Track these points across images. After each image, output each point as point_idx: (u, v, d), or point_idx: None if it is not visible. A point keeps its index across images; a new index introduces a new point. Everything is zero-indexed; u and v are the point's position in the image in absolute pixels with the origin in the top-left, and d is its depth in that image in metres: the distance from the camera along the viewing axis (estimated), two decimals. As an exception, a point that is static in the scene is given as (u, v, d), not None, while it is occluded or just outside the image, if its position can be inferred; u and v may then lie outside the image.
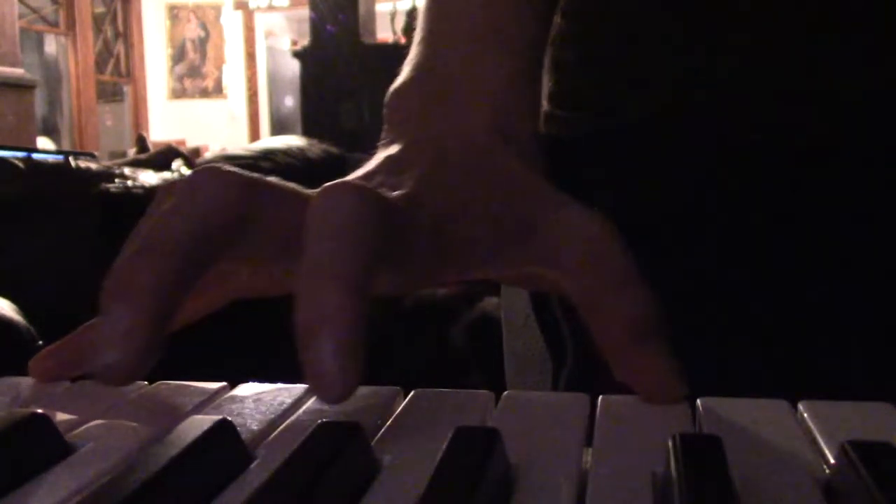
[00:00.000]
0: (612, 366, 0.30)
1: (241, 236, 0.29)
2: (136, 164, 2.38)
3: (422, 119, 0.37)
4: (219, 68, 8.89)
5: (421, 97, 0.39)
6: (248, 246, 0.29)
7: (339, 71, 4.63)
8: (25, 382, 0.34)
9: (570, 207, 0.33)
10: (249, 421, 0.28)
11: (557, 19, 0.47)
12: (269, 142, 2.81)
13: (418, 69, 0.40)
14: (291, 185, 0.32)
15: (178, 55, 8.86)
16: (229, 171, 0.29)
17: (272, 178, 0.31)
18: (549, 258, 0.33)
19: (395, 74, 0.41)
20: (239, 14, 8.83)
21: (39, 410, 0.26)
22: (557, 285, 0.33)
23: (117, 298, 0.26)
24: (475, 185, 0.34)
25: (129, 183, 2.01)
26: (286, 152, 2.54)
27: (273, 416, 0.29)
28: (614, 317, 0.30)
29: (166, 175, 2.14)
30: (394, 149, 0.36)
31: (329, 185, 0.29)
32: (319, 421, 0.25)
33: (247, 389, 0.32)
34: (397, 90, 0.40)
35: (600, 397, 0.29)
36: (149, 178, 2.08)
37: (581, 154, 0.47)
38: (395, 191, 0.32)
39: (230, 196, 0.29)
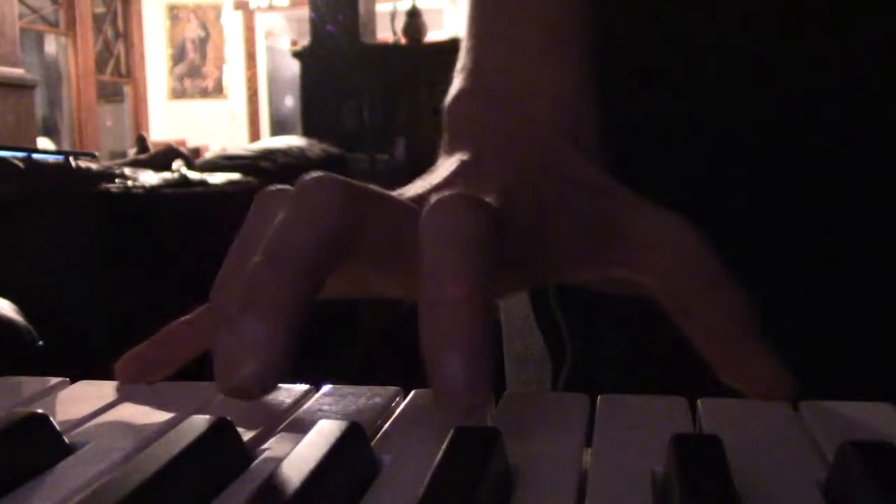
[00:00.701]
0: (717, 368, 0.30)
1: (351, 244, 0.29)
2: (136, 164, 2.38)
3: (489, 124, 0.37)
4: (219, 68, 8.88)
5: (484, 103, 0.38)
6: (354, 254, 0.29)
7: (339, 71, 4.63)
8: (26, 382, 0.34)
9: (652, 209, 0.33)
10: (249, 421, 0.28)
11: None
12: (269, 142, 2.81)
13: (476, 75, 0.39)
14: (395, 195, 0.32)
15: (178, 55, 8.86)
16: (339, 180, 0.29)
17: (376, 187, 0.31)
18: (634, 260, 0.32)
19: (396, 74, 0.41)
20: (239, 14, 8.83)
21: (39, 410, 0.26)
22: (644, 287, 0.32)
23: (249, 309, 0.26)
24: (556, 187, 0.33)
25: (129, 183, 2.01)
26: (286, 152, 2.54)
27: (273, 416, 0.29)
28: (714, 319, 0.30)
29: (166, 175, 2.14)
30: (466, 155, 0.35)
31: (442, 197, 0.29)
32: (319, 421, 0.25)
33: (247, 389, 0.32)
34: (457, 97, 0.39)
35: (600, 397, 0.29)
36: (149, 178, 2.08)
37: None
38: (485, 196, 0.31)
39: (343, 204, 0.28)
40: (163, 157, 2.37)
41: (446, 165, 0.35)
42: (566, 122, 0.37)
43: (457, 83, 0.40)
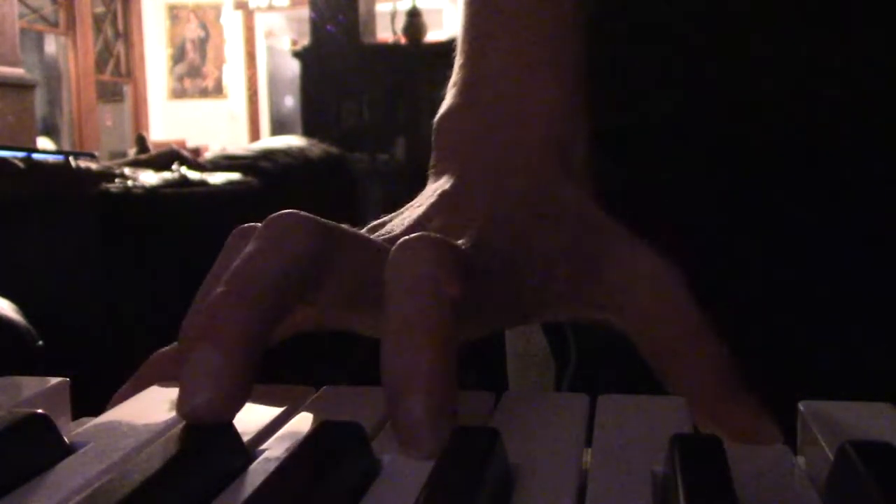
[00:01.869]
0: (697, 420, 0.30)
1: (318, 280, 0.29)
2: (136, 164, 2.38)
3: (474, 147, 0.37)
4: (219, 68, 8.88)
5: (471, 123, 0.38)
6: (322, 291, 0.29)
7: (339, 71, 4.63)
8: (26, 382, 0.34)
9: (635, 249, 0.32)
10: (249, 421, 0.28)
11: None
12: (269, 142, 2.81)
13: (466, 93, 0.39)
14: (364, 233, 0.32)
15: (178, 55, 8.86)
16: (309, 218, 0.29)
17: (346, 226, 0.31)
18: (613, 304, 0.32)
19: (396, 74, 0.41)
20: (239, 14, 8.83)
21: (39, 410, 0.26)
22: (622, 328, 0.32)
23: (206, 339, 0.26)
24: (538, 223, 0.33)
25: (129, 183, 2.01)
26: (286, 152, 2.54)
27: (273, 416, 0.29)
28: (694, 371, 0.30)
29: (166, 175, 2.14)
30: (448, 184, 0.35)
31: (405, 240, 0.29)
32: (319, 421, 0.25)
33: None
34: (445, 115, 0.38)
35: (599, 397, 0.29)
36: (149, 178, 2.08)
37: None
38: (461, 234, 0.32)
39: (311, 241, 0.29)
40: (163, 159, 2.37)
41: (427, 196, 0.35)
42: (555, 146, 0.36)
43: (447, 100, 0.39)
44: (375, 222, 0.35)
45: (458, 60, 0.41)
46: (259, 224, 0.30)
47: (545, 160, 0.36)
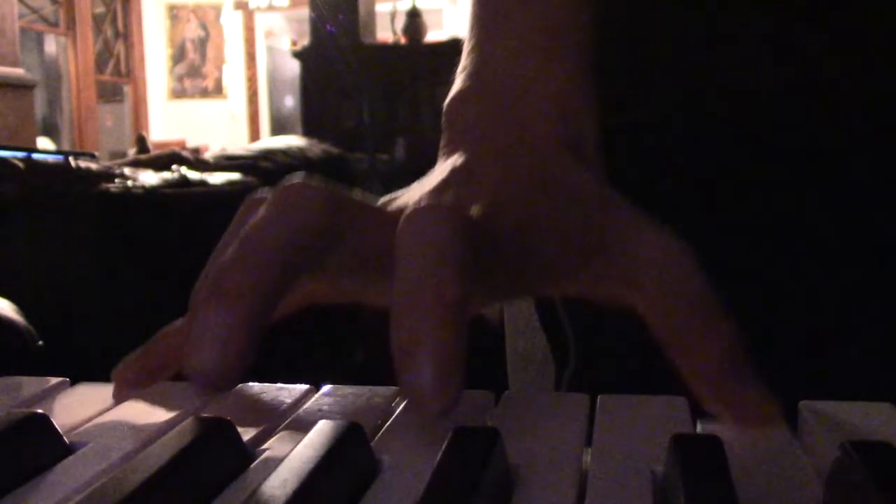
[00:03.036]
0: (700, 396, 0.30)
1: (327, 250, 0.29)
2: (136, 164, 2.38)
3: (484, 129, 0.37)
4: (219, 68, 8.88)
5: (482, 106, 0.38)
6: (331, 260, 0.30)
7: (339, 71, 4.63)
8: (26, 382, 0.34)
9: (646, 227, 0.32)
10: (249, 421, 0.28)
11: None
12: (269, 142, 2.80)
13: (476, 77, 0.39)
14: (386, 200, 0.32)
15: (178, 55, 8.86)
16: (319, 187, 0.30)
17: (356, 196, 0.31)
18: (625, 278, 0.32)
19: (396, 74, 0.41)
20: (239, 14, 8.83)
21: (39, 410, 0.26)
22: (633, 306, 0.32)
23: (215, 300, 0.26)
24: (548, 199, 0.33)
25: (129, 183, 2.01)
26: (286, 152, 2.54)
27: (273, 416, 0.29)
28: (703, 349, 0.30)
29: (166, 175, 2.14)
30: (459, 160, 0.35)
31: (417, 208, 0.29)
32: (319, 421, 0.25)
33: (247, 389, 0.32)
34: (455, 98, 0.39)
35: (599, 397, 0.29)
36: (149, 178, 2.08)
37: None
38: (471, 206, 0.32)
39: (321, 210, 0.29)
40: (164, 159, 2.37)
41: (438, 173, 0.35)
42: (565, 128, 0.36)
43: (457, 84, 0.39)
44: (386, 198, 0.35)
45: (466, 46, 0.41)
46: (268, 192, 0.30)
47: (554, 140, 0.36)
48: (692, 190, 0.44)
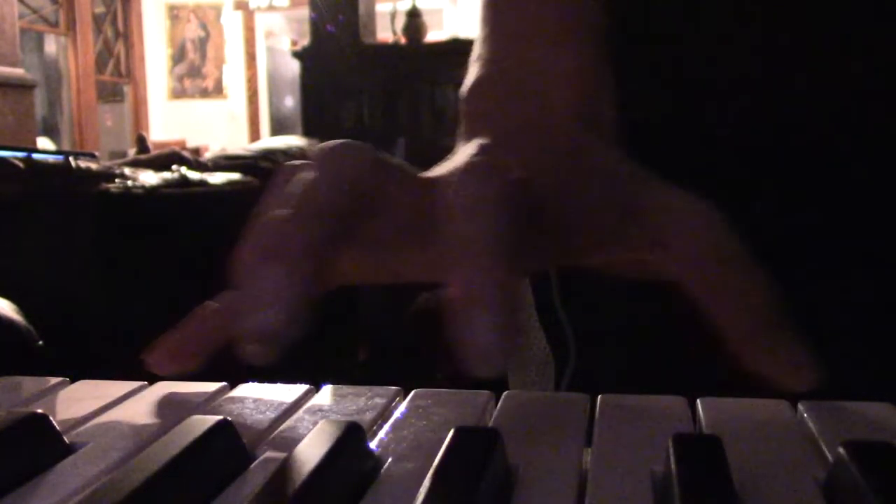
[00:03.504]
0: (738, 355, 0.30)
1: (372, 214, 0.29)
2: (136, 164, 2.38)
3: (507, 112, 0.37)
4: (219, 68, 8.88)
5: (501, 91, 0.38)
6: (372, 228, 0.30)
7: (339, 71, 4.62)
8: (26, 382, 0.34)
9: (675, 192, 0.32)
10: (249, 421, 0.28)
11: None
12: (269, 142, 2.81)
13: (492, 64, 0.39)
14: (413, 172, 0.32)
15: (178, 55, 8.86)
16: (362, 146, 0.30)
17: (396, 160, 0.31)
18: (657, 241, 0.32)
19: (396, 74, 0.41)
20: (239, 14, 8.83)
21: (39, 410, 0.26)
22: (666, 270, 0.32)
23: (269, 260, 0.26)
24: (577, 170, 0.33)
25: (129, 183, 2.01)
26: (286, 152, 2.54)
27: (273, 416, 0.29)
28: (738, 303, 0.30)
29: (166, 175, 2.14)
30: (484, 139, 0.35)
31: (468, 165, 0.29)
32: (319, 421, 0.25)
33: (247, 389, 0.32)
34: (474, 85, 0.39)
35: (600, 397, 0.29)
36: (149, 178, 2.08)
37: None
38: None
39: (366, 172, 0.29)
40: (163, 160, 2.37)
41: (465, 150, 0.35)
42: (584, 108, 0.37)
43: (473, 72, 0.40)
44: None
45: (479, 33, 0.41)
46: (304, 163, 0.30)
47: (575, 119, 0.36)
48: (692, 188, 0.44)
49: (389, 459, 0.25)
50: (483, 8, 0.42)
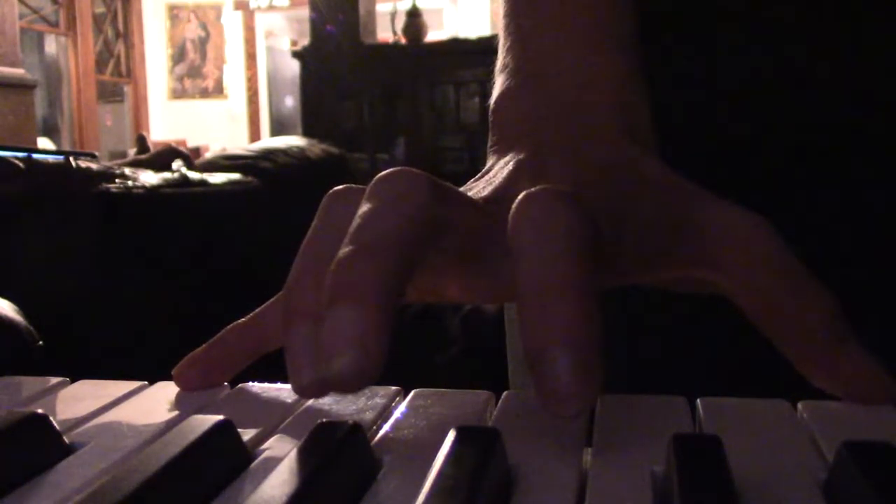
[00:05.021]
0: (808, 373, 0.29)
1: (435, 241, 0.28)
2: (136, 164, 2.38)
3: (542, 122, 0.35)
4: (219, 68, 8.88)
5: (534, 99, 0.36)
6: (438, 251, 0.28)
7: (339, 71, 4.62)
8: (26, 382, 0.34)
9: (724, 205, 0.31)
10: (249, 421, 0.28)
11: None
12: (269, 142, 2.80)
13: (522, 73, 0.37)
14: (467, 194, 0.31)
15: (178, 55, 8.86)
16: (421, 174, 0.28)
17: (450, 185, 0.30)
18: (710, 259, 0.30)
19: (396, 74, 0.40)
20: (239, 14, 8.83)
21: (39, 410, 0.26)
22: (721, 287, 0.31)
23: (344, 298, 0.25)
24: (624, 188, 0.32)
25: (129, 183, 2.00)
26: (286, 152, 2.53)
27: (273, 416, 0.29)
28: (804, 322, 0.29)
29: (166, 175, 2.14)
30: (522, 153, 0.33)
31: (533, 193, 0.28)
32: (319, 421, 0.25)
33: (247, 389, 0.32)
34: (503, 96, 0.37)
35: (600, 397, 0.29)
36: (149, 178, 2.08)
37: None
38: None
39: (429, 196, 0.27)
40: (163, 157, 2.37)
41: (502, 166, 0.33)
42: (624, 118, 0.35)
43: (500, 82, 0.38)
44: None
45: (502, 43, 0.39)
46: (354, 185, 0.29)
47: (616, 128, 0.34)
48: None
49: (389, 459, 0.25)
50: (506, 15, 0.40)
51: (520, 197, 0.28)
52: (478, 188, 0.33)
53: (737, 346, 0.42)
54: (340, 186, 0.30)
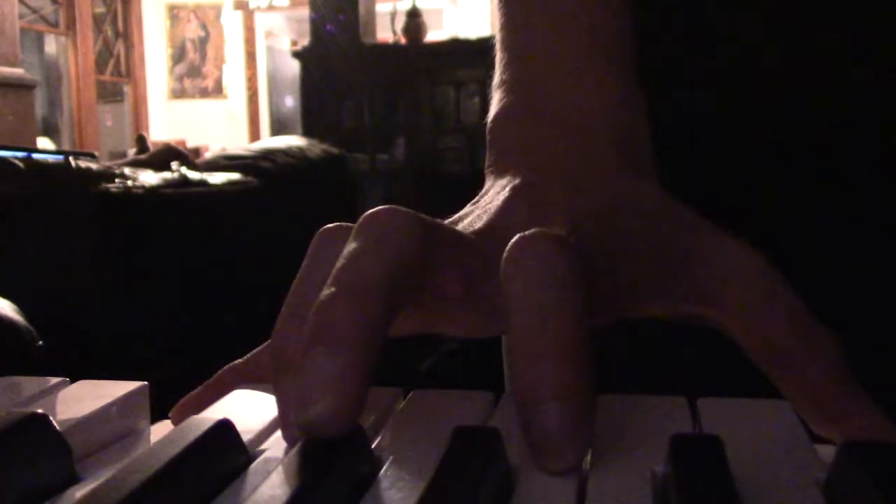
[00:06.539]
0: (810, 419, 0.28)
1: (423, 281, 0.28)
2: (136, 164, 2.38)
3: (538, 143, 0.35)
4: (219, 68, 8.88)
5: (530, 119, 0.36)
6: (426, 290, 0.28)
7: (339, 71, 4.62)
8: (26, 382, 0.34)
9: (724, 239, 0.31)
10: (249, 421, 0.28)
11: None
12: (269, 142, 2.80)
13: (518, 91, 0.37)
14: (459, 230, 0.31)
15: (178, 55, 8.86)
16: (408, 214, 0.28)
17: (439, 221, 0.30)
18: (709, 297, 0.30)
19: (396, 74, 0.40)
20: (239, 14, 8.83)
21: (39, 410, 0.26)
22: (720, 326, 0.30)
23: (322, 342, 0.24)
24: (622, 220, 0.31)
25: (129, 183, 2.00)
26: (286, 152, 2.54)
27: (273, 416, 0.29)
28: (805, 366, 0.28)
29: (166, 175, 2.14)
30: (517, 179, 0.33)
31: (526, 238, 0.27)
32: (319, 421, 0.25)
33: (247, 390, 0.32)
34: (500, 114, 0.37)
35: (600, 397, 0.29)
36: (149, 178, 2.08)
37: None
38: (550, 230, 0.29)
39: (414, 235, 0.27)
40: (163, 157, 2.37)
41: (498, 191, 0.33)
42: (623, 141, 0.34)
43: (497, 99, 0.37)
44: (445, 221, 0.33)
45: (500, 58, 0.39)
46: (345, 224, 0.29)
47: (615, 154, 0.34)
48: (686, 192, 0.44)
49: (389, 459, 0.25)
50: (502, 29, 0.39)
51: (512, 241, 0.27)
52: (472, 218, 0.32)
53: (737, 346, 0.42)
54: (330, 225, 0.29)
